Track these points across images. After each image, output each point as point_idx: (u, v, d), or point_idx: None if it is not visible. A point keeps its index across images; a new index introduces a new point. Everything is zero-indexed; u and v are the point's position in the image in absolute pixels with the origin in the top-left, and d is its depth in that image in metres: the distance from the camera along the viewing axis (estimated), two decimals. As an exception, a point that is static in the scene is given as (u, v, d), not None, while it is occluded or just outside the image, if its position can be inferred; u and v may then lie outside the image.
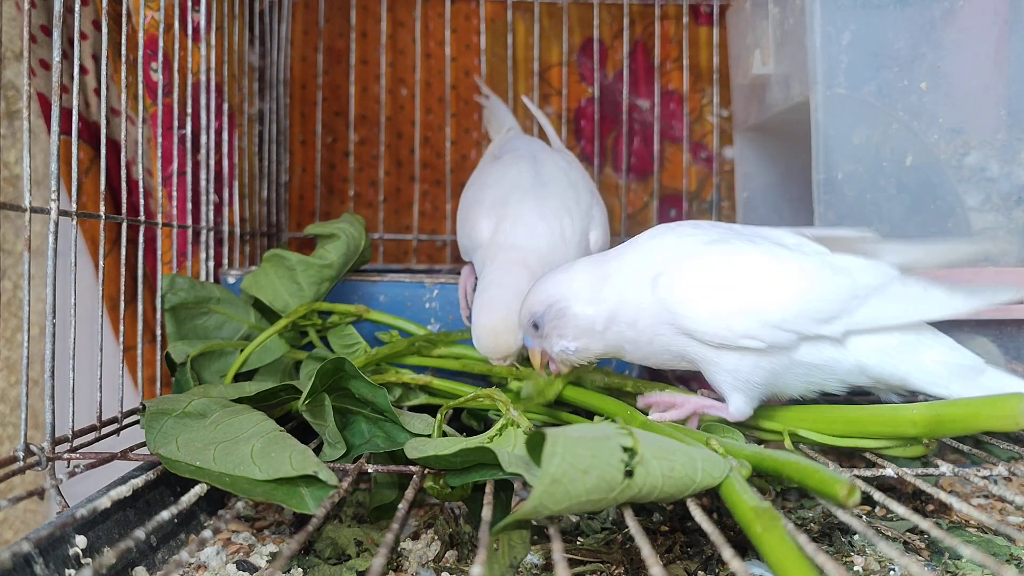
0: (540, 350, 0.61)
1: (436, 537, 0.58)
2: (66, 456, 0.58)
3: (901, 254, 0.60)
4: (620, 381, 0.66)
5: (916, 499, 0.66)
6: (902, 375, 0.57)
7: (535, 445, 0.43)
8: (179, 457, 0.53)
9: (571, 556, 0.54)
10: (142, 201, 0.85)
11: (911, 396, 0.60)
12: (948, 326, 0.81)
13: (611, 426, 0.46)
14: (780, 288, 0.55)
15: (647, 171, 1.18)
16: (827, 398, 0.81)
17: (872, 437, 0.56)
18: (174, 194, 0.83)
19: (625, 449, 0.42)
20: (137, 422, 0.68)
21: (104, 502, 0.48)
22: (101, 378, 0.65)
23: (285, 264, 0.76)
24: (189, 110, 0.83)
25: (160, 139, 0.81)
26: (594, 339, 0.59)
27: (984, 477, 0.55)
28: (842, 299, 0.55)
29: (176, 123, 0.82)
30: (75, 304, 0.62)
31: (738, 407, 0.57)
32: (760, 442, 0.65)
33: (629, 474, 0.42)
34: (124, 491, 0.49)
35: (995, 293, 0.56)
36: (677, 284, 0.56)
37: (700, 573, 0.53)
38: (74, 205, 0.80)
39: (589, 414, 0.64)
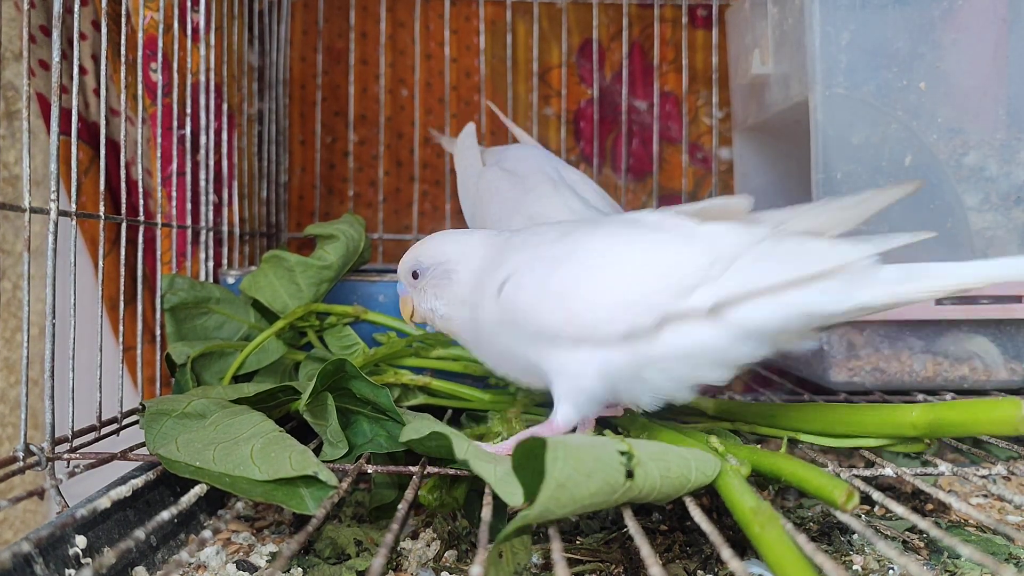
0: (410, 299, 0.59)
1: (436, 536, 0.58)
2: (66, 456, 0.58)
3: (799, 217, 0.51)
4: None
5: (915, 498, 0.66)
6: (799, 313, 0.48)
7: (536, 452, 0.43)
8: (179, 457, 0.53)
9: (571, 556, 0.54)
10: (141, 201, 0.85)
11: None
12: (946, 326, 0.81)
13: (603, 437, 0.46)
14: (632, 263, 0.49)
15: (646, 172, 1.18)
16: (826, 398, 0.81)
17: (872, 437, 0.56)
18: (173, 194, 0.83)
19: (622, 453, 0.43)
20: (137, 422, 0.68)
21: (104, 502, 0.48)
22: (101, 378, 0.65)
23: (284, 265, 0.76)
24: (188, 110, 0.83)
25: (159, 139, 0.81)
26: (461, 314, 0.56)
27: (983, 476, 0.55)
28: (700, 264, 0.48)
29: (175, 123, 0.82)
30: (75, 304, 0.62)
31: (564, 417, 0.52)
32: (760, 441, 0.65)
33: (630, 475, 0.42)
34: (124, 491, 0.49)
35: (886, 240, 0.48)
36: (523, 286, 0.51)
37: (699, 572, 0.53)
38: (74, 205, 0.80)
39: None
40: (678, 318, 0.48)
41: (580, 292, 0.49)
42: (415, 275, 0.58)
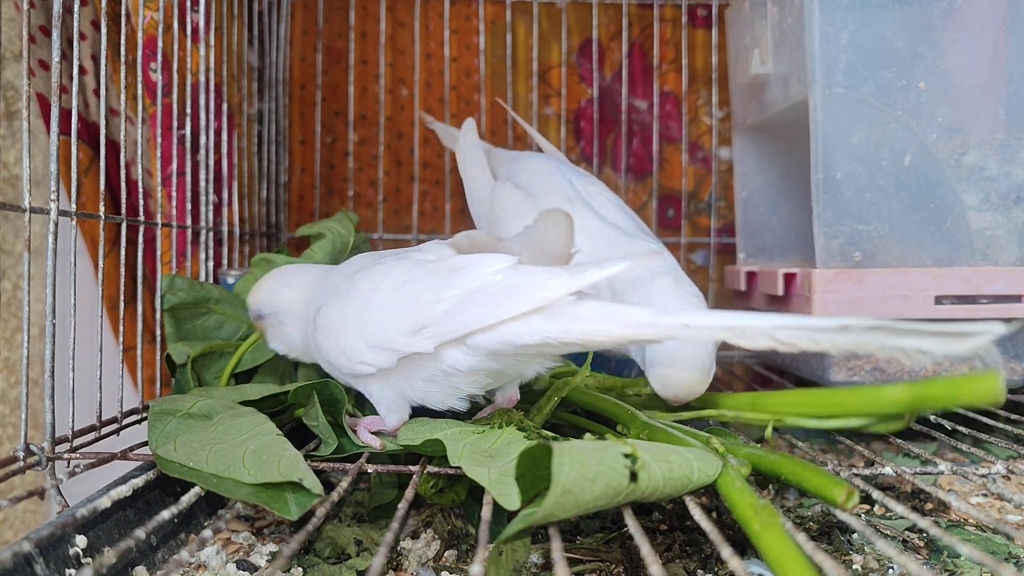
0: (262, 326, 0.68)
1: (436, 536, 0.58)
2: (66, 456, 0.58)
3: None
4: (612, 383, 0.67)
5: (915, 498, 0.66)
6: (511, 342, 0.50)
7: (540, 457, 0.43)
8: (174, 458, 0.52)
9: (570, 555, 0.54)
10: (141, 201, 0.85)
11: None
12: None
13: (608, 441, 0.47)
14: (376, 304, 0.54)
15: (646, 171, 1.18)
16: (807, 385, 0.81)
17: (855, 416, 0.56)
18: (173, 194, 0.83)
19: (626, 456, 0.43)
20: (137, 422, 0.68)
21: (104, 502, 0.48)
22: (101, 378, 0.65)
23: (272, 267, 0.77)
24: (188, 110, 0.83)
25: (159, 139, 0.81)
26: (299, 344, 0.64)
27: (983, 475, 0.55)
28: (426, 304, 0.51)
29: (175, 123, 0.82)
30: (75, 304, 0.62)
31: (387, 420, 0.58)
32: (754, 439, 0.65)
33: (634, 478, 0.42)
34: (124, 491, 0.50)
35: (600, 269, 0.47)
36: (319, 321, 0.59)
37: (699, 572, 0.53)
38: (74, 205, 0.80)
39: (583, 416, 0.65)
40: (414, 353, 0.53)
41: (344, 334, 0.56)
42: (259, 316, 0.67)
